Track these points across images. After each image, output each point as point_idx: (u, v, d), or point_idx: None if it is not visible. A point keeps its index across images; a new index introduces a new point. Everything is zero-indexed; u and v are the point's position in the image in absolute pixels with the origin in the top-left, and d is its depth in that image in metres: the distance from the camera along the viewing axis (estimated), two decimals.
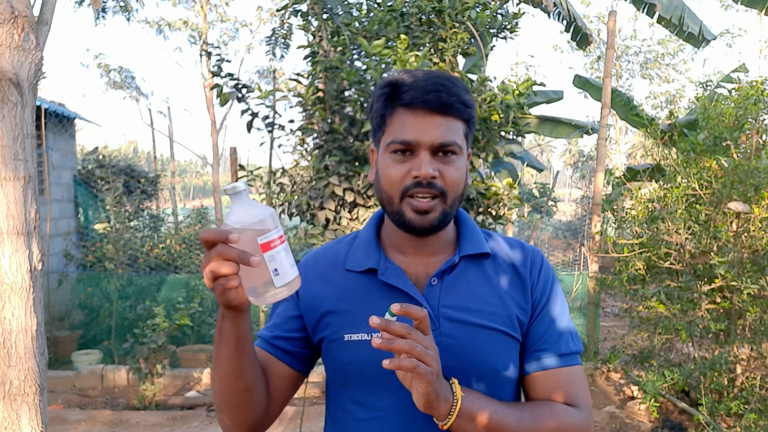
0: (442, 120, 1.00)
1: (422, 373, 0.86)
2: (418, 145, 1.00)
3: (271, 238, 0.89)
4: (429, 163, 0.99)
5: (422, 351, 0.86)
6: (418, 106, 1.00)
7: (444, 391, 0.91)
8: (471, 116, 1.04)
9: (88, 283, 6.36)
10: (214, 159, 15.84)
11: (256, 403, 1.04)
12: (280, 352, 1.10)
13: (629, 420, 4.35)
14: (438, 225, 1.03)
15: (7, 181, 1.84)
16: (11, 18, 1.83)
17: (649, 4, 7.51)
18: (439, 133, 1.00)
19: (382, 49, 3.89)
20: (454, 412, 0.91)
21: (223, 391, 1.02)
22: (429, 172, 0.98)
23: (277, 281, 0.90)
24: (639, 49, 17.62)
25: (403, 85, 1.02)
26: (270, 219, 0.90)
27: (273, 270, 0.89)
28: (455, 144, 1.01)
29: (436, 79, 1.01)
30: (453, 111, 1.00)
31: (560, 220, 16.41)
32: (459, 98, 1.01)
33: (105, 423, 4.43)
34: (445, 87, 1.00)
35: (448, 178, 1.00)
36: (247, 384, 1.01)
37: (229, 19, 17.05)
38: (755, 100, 3.89)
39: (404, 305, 0.86)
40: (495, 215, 4.11)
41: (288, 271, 0.91)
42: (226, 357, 0.98)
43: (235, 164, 5.21)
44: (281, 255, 0.90)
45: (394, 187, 1.02)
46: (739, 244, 3.73)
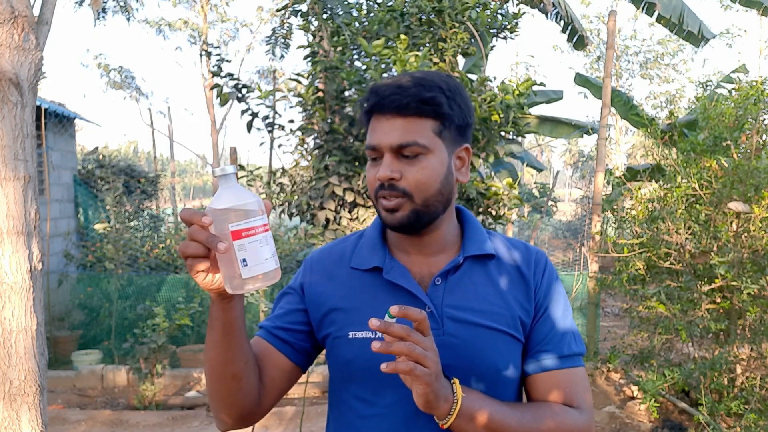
0: (401, 121, 1.01)
1: (420, 375, 0.86)
2: (381, 148, 1.02)
3: (244, 227, 0.86)
4: (388, 165, 1.01)
5: (421, 353, 0.86)
6: (378, 111, 1.03)
7: (444, 391, 0.91)
8: (441, 113, 1.02)
9: (88, 283, 6.36)
10: (214, 159, 15.86)
11: (245, 392, 1.03)
12: (280, 343, 1.10)
13: (629, 420, 4.35)
14: (411, 223, 1.03)
15: (7, 181, 1.84)
16: (11, 18, 1.83)
17: (648, 3, 7.52)
18: (396, 135, 1.01)
19: (382, 49, 3.89)
20: (454, 412, 0.92)
21: (211, 376, 1.02)
22: (386, 174, 1.00)
23: (244, 272, 0.87)
24: (639, 49, 17.64)
25: (370, 93, 1.04)
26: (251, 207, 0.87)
27: (241, 260, 0.86)
28: (415, 144, 1.00)
29: (399, 83, 1.02)
30: (410, 111, 1.00)
31: (560, 220, 16.41)
32: (417, 97, 1.00)
33: (105, 423, 4.43)
34: (403, 89, 1.01)
35: (411, 178, 1.01)
36: (235, 372, 1.01)
37: (229, 19, 17.09)
38: (755, 100, 3.89)
39: (403, 307, 0.87)
40: (495, 215, 4.11)
41: (260, 263, 0.87)
42: (214, 342, 0.99)
43: (235, 164, 5.20)
44: (254, 245, 0.86)
45: (371, 190, 1.06)
46: (739, 244, 3.73)
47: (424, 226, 1.05)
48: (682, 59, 17.76)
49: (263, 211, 0.89)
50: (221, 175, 0.88)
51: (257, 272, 0.87)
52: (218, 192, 0.88)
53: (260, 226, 0.87)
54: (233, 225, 0.86)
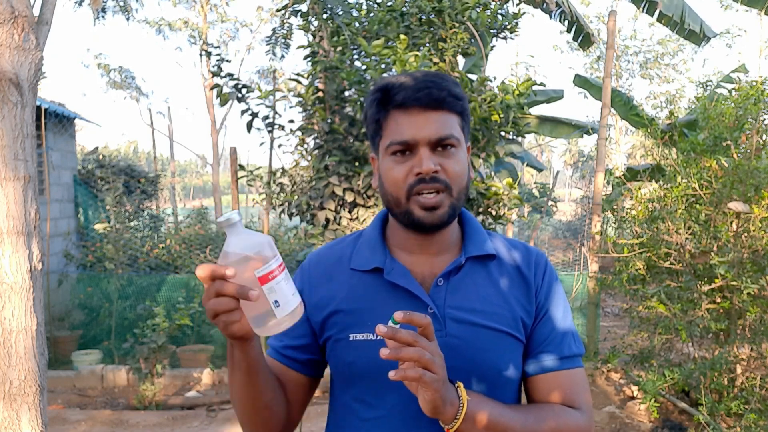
0: (436, 115, 1.01)
1: (428, 382, 0.86)
2: (416, 142, 1.01)
3: (269, 270, 0.87)
4: (429, 158, 1.00)
5: (429, 359, 0.86)
6: (411, 105, 1.01)
7: (450, 395, 0.91)
8: (464, 108, 1.05)
9: (88, 283, 6.36)
10: (214, 159, 15.85)
11: (277, 416, 1.07)
12: (290, 361, 1.11)
13: (629, 420, 4.35)
14: (448, 220, 1.03)
15: (7, 181, 1.84)
16: (11, 18, 1.83)
17: (649, 3, 7.52)
18: (435, 128, 1.01)
19: (381, 49, 3.89)
20: (460, 416, 0.92)
21: (244, 411, 1.05)
22: (431, 166, 0.99)
23: (278, 312, 0.89)
24: (639, 49, 17.63)
25: (393, 88, 1.03)
26: (267, 248, 0.88)
27: (273, 302, 0.88)
28: (453, 137, 1.02)
29: (424, 77, 1.03)
30: (446, 105, 1.01)
31: (560, 220, 16.40)
32: (450, 92, 1.02)
33: (105, 423, 4.42)
34: (434, 83, 1.01)
35: (451, 170, 1.01)
36: (265, 402, 1.04)
37: (229, 19, 17.08)
38: (755, 100, 3.89)
39: (407, 313, 0.86)
40: (495, 215, 4.11)
41: (289, 300, 0.89)
42: (241, 382, 1.00)
43: (235, 164, 5.20)
44: (281, 285, 0.88)
45: (399, 188, 1.02)
46: (739, 244, 3.73)
47: (451, 222, 1.06)
48: (682, 59, 17.77)
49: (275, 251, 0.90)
50: (229, 225, 0.87)
51: (289, 310, 0.89)
52: (229, 240, 0.88)
53: (279, 266, 0.89)
54: (259, 271, 0.86)
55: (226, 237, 0.89)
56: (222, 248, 0.90)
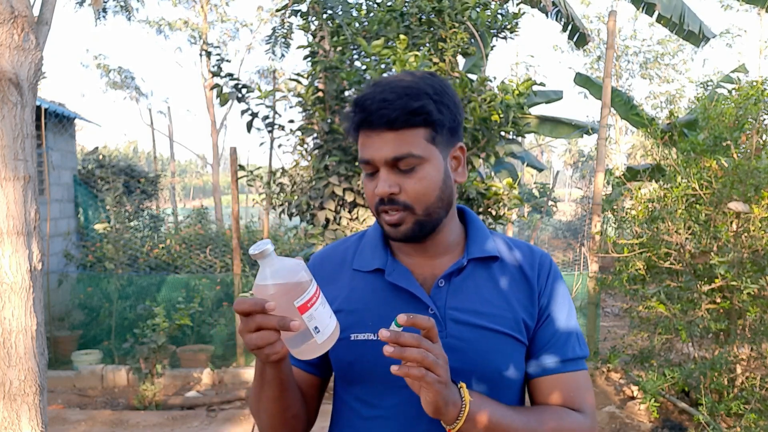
0: (391, 135, 0.99)
1: (430, 383, 0.86)
2: (375, 163, 1.01)
3: (307, 298, 0.87)
4: (386, 180, 0.99)
5: (433, 361, 0.86)
6: (367, 128, 1.01)
7: (452, 396, 0.91)
8: (432, 120, 1.00)
9: (88, 283, 6.36)
10: (214, 159, 15.86)
11: (302, 422, 1.10)
12: (303, 364, 1.13)
13: (629, 420, 4.35)
14: (414, 234, 1.03)
15: (7, 181, 1.84)
16: (11, 18, 1.83)
17: (648, 4, 7.52)
18: (390, 149, 0.99)
19: (381, 49, 3.89)
20: (462, 417, 0.92)
21: (273, 424, 1.07)
22: (385, 189, 0.99)
23: (318, 337, 0.89)
24: (639, 49, 17.64)
25: (356, 108, 1.02)
26: (304, 275, 0.88)
27: (314, 328, 0.89)
28: (410, 156, 0.99)
29: (382, 94, 0.99)
30: (400, 124, 0.98)
31: (560, 220, 16.40)
32: (405, 110, 0.97)
33: (105, 423, 4.42)
34: (388, 102, 0.97)
35: (411, 191, 1.00)
36: (294, 413, 1.06)
37: (229, 19, 17.09)
38: (755, 100, 3.89)
39: (411, 316, 0.86)
40: (495, 215, 4.11)
41: (328, 324, 0.90)
42: (272, 398, 1.02)
43: (235, 164, 5.21)
44: (319, 311, 0.89)
45: (371, 204, 1.05)
46: (739, 244, 3.73)
47: (428, 233, 1.05)
48: (682, 59, 17.76)
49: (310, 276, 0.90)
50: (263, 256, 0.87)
51: (328, 334, 0.90)
52: (263, 271, 0.87)
53: (315, 291, 0.89)
54: (298, 300, 0.87)
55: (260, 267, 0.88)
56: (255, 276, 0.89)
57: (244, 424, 4.38)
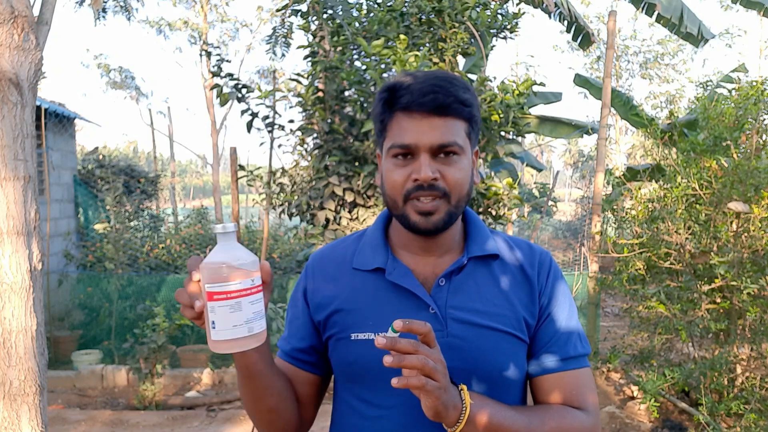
0: (440, 121, 0.99)
1: (431, 390, 0.86)
2: (418, 148, 0.99)
3: (217, 290, 0.84)
4: (429, 165, 0.99)
5: (432, 367, 0.85)
6: (415, 109, 0.99)
7: (452, 399, 0.90)
8: (472, 114, 1.03)
9: (88, 283, 6.35)
10: (214, 159, 15.85)
11: (285, 418, 1.09)
12: (299, 363, 1.13)
13: (629, 420, 4.35)
14: (443, 226, 1.02)
15: (7, 181, 1.84)
16: (11, 18, 1.83)
17: (648, 4, 7.51)
18: (438, 135, 0.99)
19: (381, 49, 3.89)
20: (463, 420, 0.91)
21: (249, 411, 1.10)
22: (429, 174, 0.98)
23: (212, 334, 0.87)
24: (639, 49, 17.62)
25: (399, 89, 1.01)
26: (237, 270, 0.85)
27: (211, 321, 0.86)
28: (455, 144, 1.00)
29: (432, 81, 1.00)
30: (451, 111, 0.99)
31: (560, 220, 16.41)
32: (456, 98, 0.99)
33: (105, 423, 4.42)
34: (441, 88, 0.99)
35: (450, 178, 1.00)
36: (269, 405, 1.06)
37: (229, 19, 17.08)
38: (755, 100, 3.89)
39: (407, 321, 0.85)
40: (495, 215, 4.11)
41: (229, 328, 0.86)
42: (242, 384, 1.05)
43: (235, 164, 5.20)
44: (223, 310, 0.85)
45: (397, 191, 1.02)
46: (739, 244, 3.73)
47: (449, 227, 1.05)
48: (682, 59, 17.75)
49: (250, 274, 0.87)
50: (221, 233, 0.87)
51: (223, 336, 0.86)
52: (215, 247, 0.88)
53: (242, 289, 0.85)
54: (208, 286, 0.85)
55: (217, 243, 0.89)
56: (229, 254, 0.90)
57: (244, 424, 4.38)
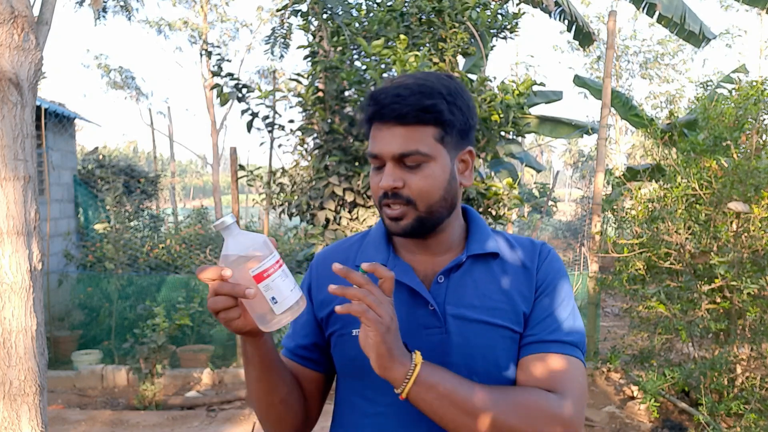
0: (401, 130, 1.00)
1: (371, 320, 0.88)
2: (383, 157, 1.02)
3: (263, 268, 0.91)
4: (391, 174, 1.01)
5: (374, 300, 0.89)
6: (379, 120, 1.02)
7: (399, 352, 0.92)
8: (442, 120, 1.01)
9: (88, 283, 6.35)
10: (214, 159, 15.85)
11: (294, 412, 1.10)
12: (304, 360, 1.14)
13: (629, 420, 4.35)
14: (415, 230, 1.04)
15: (7, 181, 1.84)
16: (11, 18, 1.83)
17: (649, 4, 7.52)
18: (398, 144, 1.00)
19: (381, 49, 3.89)
20: (411, 378, 0.92)
21: (260, 406, 1.09)
22: (390, 183, 1.01)
23: (276, 308, 0.92)
24: (639, 49, 17.63)
25: (371, 99, 1.03)
26: (262, 247, 0.92)
27: (271, 298, 0.91)
28: (417, 153, 1.00)
29: (396, 90, 1.00)
30: (411, 120, 1.00)
31: (560, 220, 16.42)
32: (417, 106, 0.99)
33: (105, 423, 4.42)
34: (401, 97, 0.99)
35: (414, 186, 1.01)
36: (281, 397, 1.07)
37: (229, 19, 17.10)
38: (755, 100, 3.89)
39: (373, 264, 0.91)
40: (495, 215, 4.12)
41: (287, 296, 0.92)
42: (256, 377, 1.04)
43: (235, 164, 5.20)
44: (277, 282, 0.92)
45: (375, 197, 1.07)
46: (739, 244, 3.73)
47: (429, 231, 1.06)
48: (682, 59, 17.75)
49: (272, 249, 0.94)
50: (224, 228, 0.92)
51: (287, 306, 0.93)
52: (225, 242, 0.92)
53: (275, 263, 0.92)
54: (253, 270, 0.91)
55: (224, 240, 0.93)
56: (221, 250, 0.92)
57: (244, 424, 4.38)
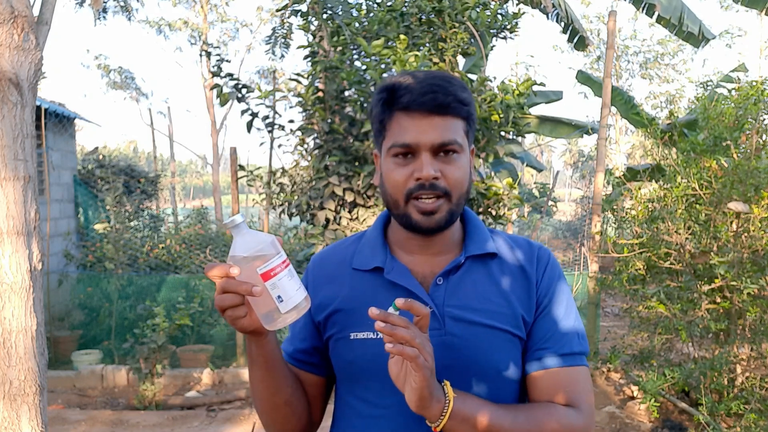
0: (440, 120, 1.00)
1: (421, 365, 0.86)
2: (419, 147, 1.00)
3: (270, 267, 0.92)
4: (430, 164, 1.00)
5: (421, 343, 0.87)
6: (415, 109, 1.00)
7: (436, 391, 0.91)
8: (470, 113, 1.04)
9: (88, 283, 6.35)
10: (214, 159, 15.86)
11: (298, 413, 1.10)
12: (303, 364, 1.14)
13: (629, 420, 4.35)
14: (445, 224, 1.03)
15: (7, 181, 1.84)
16: (11, 18, 1.83)
17: (648, 4, 7.52)
18: (438, 134, 1.00)
19: (381, 49, 3.89)
20: (446, 413, 0.91)
21: (264, 408, 1.08)
22: (431, 173, 0.99)
23: (282, 307, 0.93)
24: (639, 49, 17.64)
25: (399, 89, 1.02)
26: (269, 247, 0.93)
27: (277, 297, 0.92)
28: (455, 143, 1.01)
29: (431, 80, 1.01)
30: (450, 110, 1.01)
31: (560, 220, 16.42)
32: (456, 97, 1.01)
33: (105, 423, 4.42)
34: (440, 87, 1.00)
35: (451, 177, 1.01)
36: (286, 398, 1.07)
37: (229, 19, 17.11)
38: (755, 100, 3.89)
39: (408, 300, 0.88)
40: (495, 215, 4.12)
41: (293, 295, 0.93)
42: (260, 377, 1.04)
43: (235, 164, 5.21)
44: (284, 281, 0.93)
45: (398, 191, 1.02)
46: (739, 244, 3.73)
47: (449, 225, 1.06)
48: (682, 59, 17.77)
49: (279, 249, 0.94)
50: (233, 227, 0.93)
51: (292, 304, 0.94)
52: (234, 241, 0.94)
53: (282, 263, 0.93)
54: (260, 268, 0.92)
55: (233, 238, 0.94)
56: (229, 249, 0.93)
57: (244, 424, 4.38)
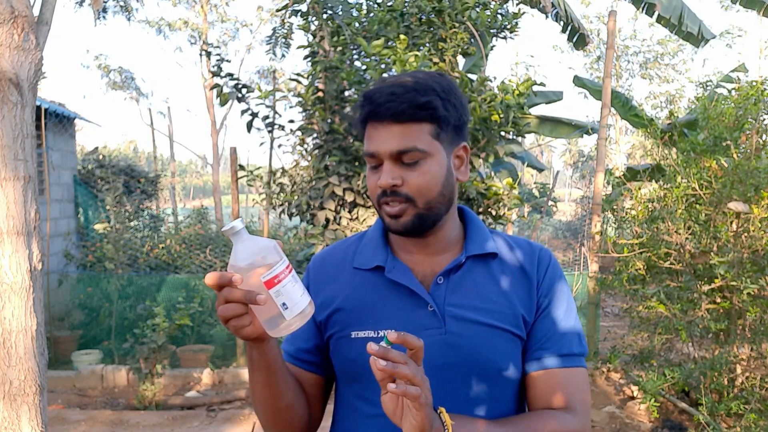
0: (398, 128, 1.01)
1: (423, 404, 0.84)
2: (380, 155, 1.02)
3: (274, 274, 0.89)
4: (389, 172, 1.01)
5: (421, 379, 0.85)
6: (374, 119, 1.03)
7: (435, 422, 0.89)
8: (437, 116, 1.02)
9: (88, 283, 6.35)
10: (214, 159, 15.86)
11: (299, 415, 1.09)
12: (304, 364, 1.14)
13: (629, 420, 4.35)
14: (415, 227, 1.04)
15: (7, 181, 1.84)
16: (11, 18, 1.83)
17: (648, 4, 7.52)
18: (395, 142, 1.00)
19: (381, 49, 3.89)
20: None
21: (266, 411, 1.08)
22: (388, 181, 1.01)
23: (287, 314, 0.91)
24: (639, 49, 17.63)
25: (365, 99, 1.04)
26: (272, 253, 0.91)
27: (281, 304, 0.90)
28: (415, 150, 1.00)
29: (390, 88, 1.01)
30: (406, 117, 1.00)
31: (560, 220, 16.42)
32: (412, 103, 1.00)
33: (105, 423, 4.42)
34: (396, 95, 1.00)
35: (412, 183, 1.01)
36: (288, 402, 1.06)
37: (229, 19, 17.11)
38: (755, 100, 3.89)
39: (401, 334, 0.85)
40: (495, 215, 4.12)
41: (297, 301, 0.92)
42: (262, 382, 1.03)
43: (235, 164, 5.21)
44: (288, 287, 0.91)
45: (373, 196, 1.06)
46: (739, 244, 3.73)
47: (428, 228, 1.06)
48: (682, 59, 17.76)
49: (281, 254, 0.92)
50: (233, 233, 0.91)
51: (297, 311, 0.92)
52: (235, 248, 0.91)
53: (285, 268, 0.91)
54: (264, 276, 0.89)
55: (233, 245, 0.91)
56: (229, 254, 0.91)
57: (244, 424, 4.38)
